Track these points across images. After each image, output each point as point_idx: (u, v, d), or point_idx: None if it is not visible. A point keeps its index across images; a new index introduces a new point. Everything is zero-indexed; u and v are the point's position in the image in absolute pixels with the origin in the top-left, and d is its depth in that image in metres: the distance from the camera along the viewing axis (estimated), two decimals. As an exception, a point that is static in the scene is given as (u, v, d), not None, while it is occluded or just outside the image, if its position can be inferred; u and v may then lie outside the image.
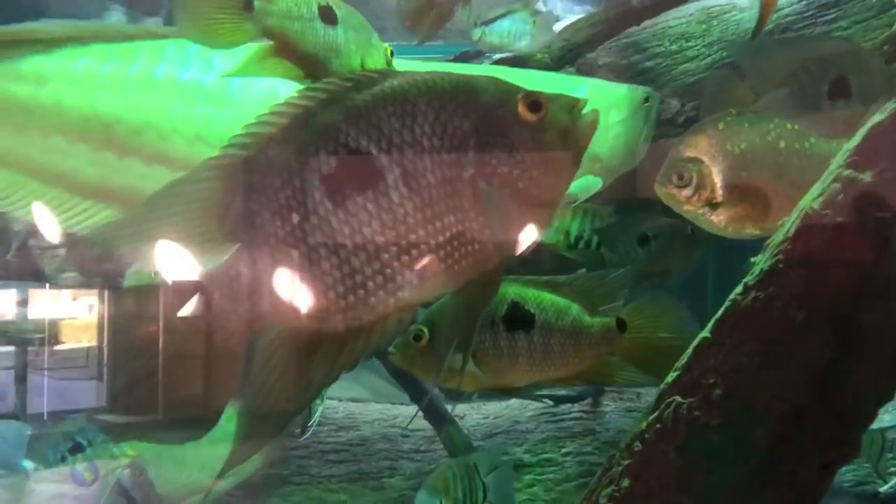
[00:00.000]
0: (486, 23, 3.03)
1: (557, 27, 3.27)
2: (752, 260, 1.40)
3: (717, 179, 1.67)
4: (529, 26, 3.15)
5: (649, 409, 1.51)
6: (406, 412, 3.77)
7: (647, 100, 2.45)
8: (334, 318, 1.19)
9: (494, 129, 1.18)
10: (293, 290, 1.18)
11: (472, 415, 3.57)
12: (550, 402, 3.05)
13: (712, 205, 1.68)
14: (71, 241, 3.67)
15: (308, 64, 1.58)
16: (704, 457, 1.42)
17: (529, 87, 1.23)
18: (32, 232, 3.29)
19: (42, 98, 2.12)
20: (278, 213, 1.18)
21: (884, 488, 2.78)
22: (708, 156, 1.67)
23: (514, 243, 1.21)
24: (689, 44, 3.30)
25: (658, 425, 1.46)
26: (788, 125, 1.71)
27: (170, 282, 1.20)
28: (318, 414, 3.22)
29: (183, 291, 1.20)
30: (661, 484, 1.46)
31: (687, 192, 1.68)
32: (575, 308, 1.92)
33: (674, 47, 3.31)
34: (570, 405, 3.39)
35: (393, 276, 1.17)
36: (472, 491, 2.23)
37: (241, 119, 1.19)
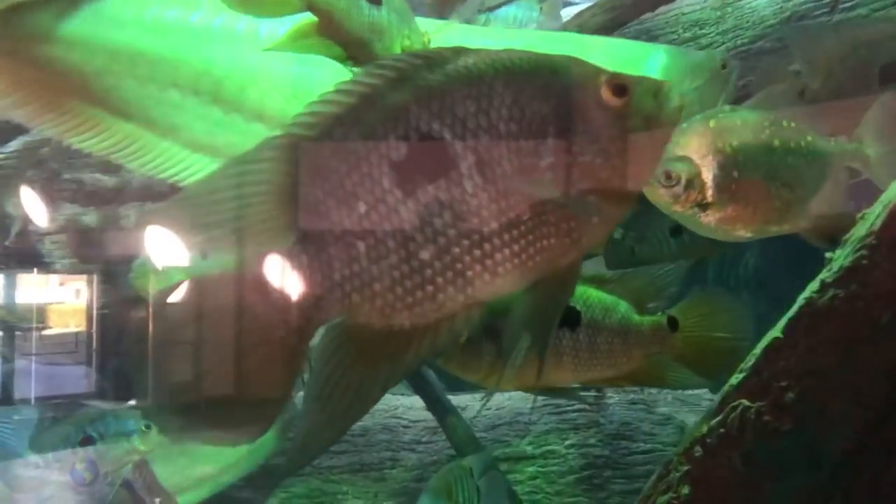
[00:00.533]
0: (491, 9, 2.94)
1: (569, 13, 3.18)
2: (828, 255, 1.31)
3: (707, 179, 1.57)
4: (535, 13, 3.06)
5: (711, 412, 1.42)
6: (406, 403, 3.69)
7: (724, 66, 2.32)
8: (400, 316, 1.08)
9: (576, 114, 1.08)
10: (358, 284, 1.07)
11: (474, 406, 3.47)
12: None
13: (702, 205, 1.58)
14: (71, 227, 3.56)
15: (351, 44, 1.48)
16: (773, 464, 1.33)
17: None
18: (30, 218, 3.18)
19: (162, 50, 2.12)
20: (344, 201, 1.07)
21: None
22: (698, 154, 1.56)
23: (592, 237, 1.10)
24: (703, 31, 3.21)
25: (722, 430, 1.37)
26: (784, 122, 1.61)
27: (220, 273, 1.09)
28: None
29: (239, 283, 1.09)
30: (725, 492, 1.37)
31: (676, 191, 1.57)
32: (623, 305, 1.81)
33: (687, 34, 3.22)
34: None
35: (463, 272, 1.06)
36: (471, 495, 2.15)
37: (333, 80, 1.09)
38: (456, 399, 3.31)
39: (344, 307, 1.09)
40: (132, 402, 2.88)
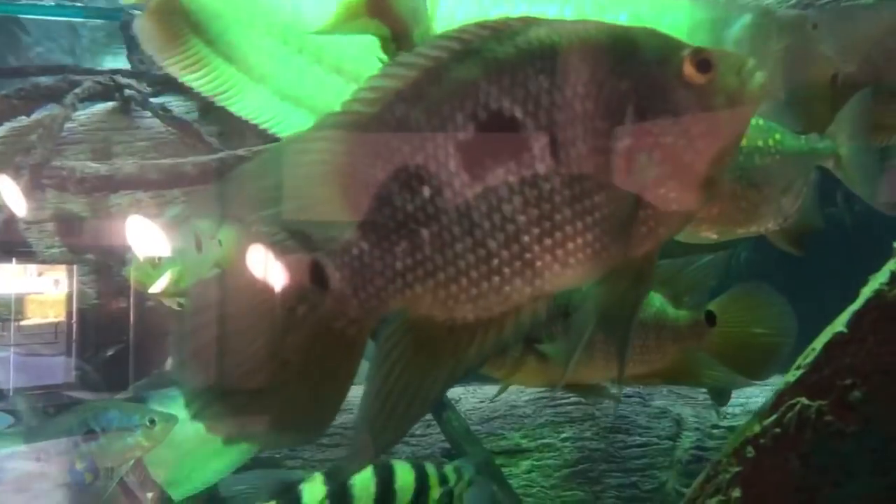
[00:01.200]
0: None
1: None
2: (898, 246, 1.22)
3: None
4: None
5: (764, 410, 1.33)
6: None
7: (815, 26, 2.19)
8: (464, 308, 0.98)
9: (656, 91, 0.98)
10: (420, 274, 0.97)
11: (468, 398, 3.38)
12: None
13: None
14: (60, 216, 3.43)
15: (397, 26, 1.39)
16: (834, 467, 1.25)
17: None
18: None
19: None
20: (407, 185, 0.97)
21: None
22: None
23: (671, 226, 1.01)
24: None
25: (777, 429, 1.28)
26: (752, 119, 1.52)
27: (275, 260, 0.99)
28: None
29: (296, 271, 0.99)
30: (779, 495, 1.28)
31: None
32: (657, 299, 1.70)
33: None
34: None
35: (532, 262, 0.96)
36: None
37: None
38: (449, 392, 3.21)
39: (405, 298, 0.99)
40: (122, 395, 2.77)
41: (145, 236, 2.75)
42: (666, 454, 3.40)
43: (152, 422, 2.22)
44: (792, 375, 1.29)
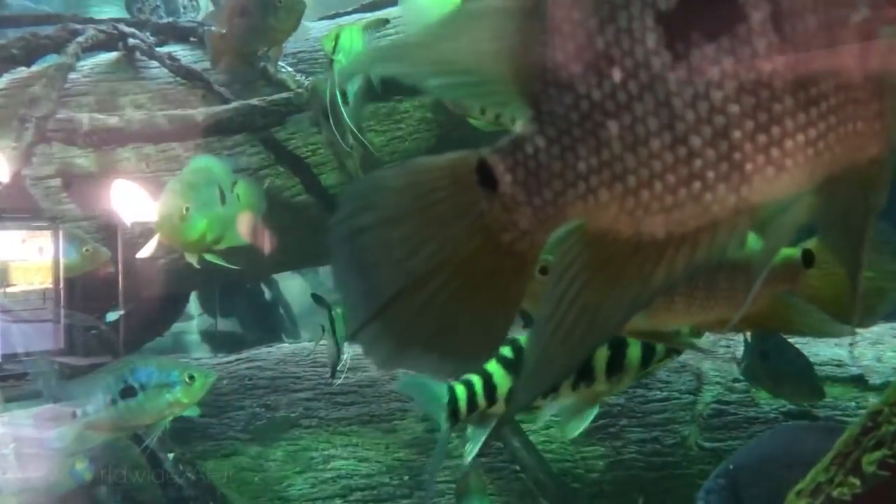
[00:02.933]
0: None
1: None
2: None
3: None
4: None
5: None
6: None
7: None
8: (654, 221, 0.77)
9: None
10: (607, 176, 0.76)
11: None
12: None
13: None
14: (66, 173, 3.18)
15: None
16: None
17: None
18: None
19: None
20: (593, 66, 0.75)
21: None
22: None
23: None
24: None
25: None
26: None
27: (438, 161, 0.77)
28: (347, 356, 2.82)
29: (455, 173, 0.77)
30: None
31: None
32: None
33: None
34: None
35: (742, 164, 0.75)
36: None
37: None
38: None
39: (587, 206, 0.77)
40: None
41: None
42: (687, 409, 3.26)
43: (192, 378, 2.00)
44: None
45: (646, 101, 0.76)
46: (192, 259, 2.46)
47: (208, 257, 2.41)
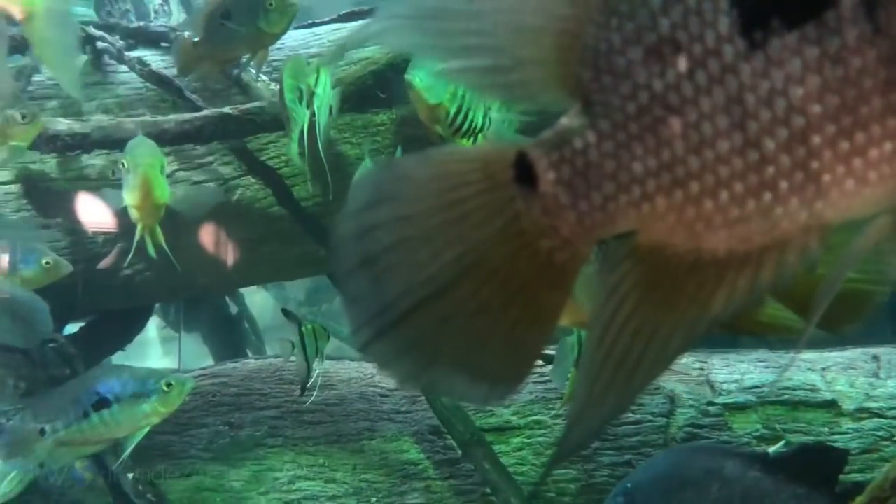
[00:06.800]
0: None
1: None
2: None
3: None
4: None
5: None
6: (382, 371, 3.23)
7: None
8: (716, 235, 0.65)
9: None
10: (667, 181, 0.64)
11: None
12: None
13: None
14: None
15: None
16: None
17: None
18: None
19: None
20: (655, 53, 0.63)
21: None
22: None
23: None
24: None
25: None
26: None
27: (459, 153, 0.64)
28: (317, 373, 2.68)
29: (487, 168, 0.64)
30: None
31: None
32: None
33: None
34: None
35: (819, 174, 0.63)
36: None
37: None
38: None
39: (641, 215, 0.65)
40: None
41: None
42: (660, 432, 3.16)
43: (169, 385, 1.84)
44: None
45: (715, 95, 0.63)
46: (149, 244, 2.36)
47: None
